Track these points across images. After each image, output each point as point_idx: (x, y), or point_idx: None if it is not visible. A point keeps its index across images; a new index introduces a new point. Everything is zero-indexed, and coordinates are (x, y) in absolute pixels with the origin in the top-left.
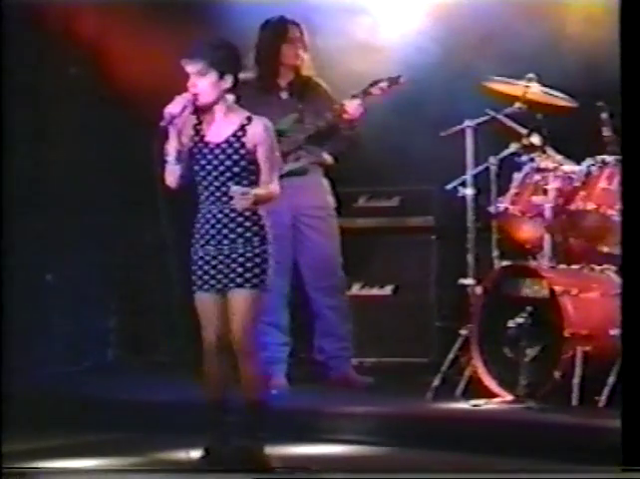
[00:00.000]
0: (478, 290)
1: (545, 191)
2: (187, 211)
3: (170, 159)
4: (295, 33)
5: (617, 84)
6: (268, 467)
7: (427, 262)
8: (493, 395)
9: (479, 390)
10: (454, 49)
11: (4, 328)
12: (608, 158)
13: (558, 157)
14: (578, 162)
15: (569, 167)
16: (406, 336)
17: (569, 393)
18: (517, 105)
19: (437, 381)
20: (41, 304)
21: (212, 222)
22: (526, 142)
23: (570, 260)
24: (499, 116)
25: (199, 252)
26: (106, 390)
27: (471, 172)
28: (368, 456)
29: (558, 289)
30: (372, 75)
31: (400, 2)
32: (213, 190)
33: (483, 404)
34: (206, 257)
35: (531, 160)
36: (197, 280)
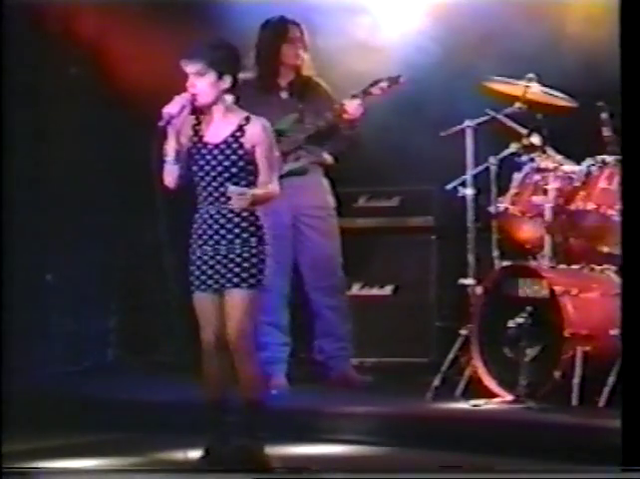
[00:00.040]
0: (478, 290)
1: (545, 191)
2: (186, 211)
3: (169, 159)
4: (295, 33)
5: (617, 84)
6: (268, 467)
7: (427, 262)
8: (493, 395)
9: (478, 390)
10: (454, 49)
11: (4, 328)
12: (608, 158)
13: (558, 157)
14: (578, 162)
15: (569, 167)
16: (406, 336)
17: (569, 393)
18: (517, 105)
19: (437, 381)
20: (41, 304)
21: (210, 222)
22: (526, 142)
23: (570, 261)
24: (499, 116)
25: (197, 253)
26: (106, 390)
27: (471, 172)
28: (368, 456)
29: (558, 289)
30: (372, 75)
31: (400, 2)
32: (211, 190)
33: (483, 404)
34: (204, 258)
35: (531, 160)
36: (195, 280)
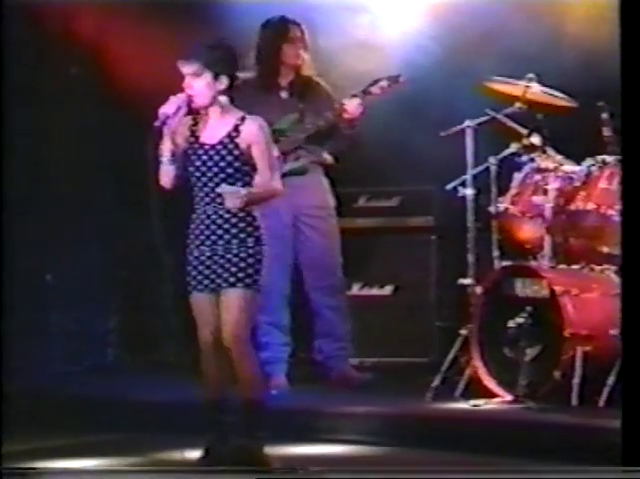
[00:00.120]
0: (478, 290)
1: (545, 191)
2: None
3: (165, 159)
4: (296, 33)
5: (617, 84)
6: (268, 467)
7: (427, 262)
8: (493, 395)
9: (478, 390)
10: (454, 49)
11: (4, 328)
12: (608, 158)
13: (558, 157)
14: (578, 162)
15: (569, 167)
16: (406, 336)
17: (569, 393)
18: (517, 105)
19: (437, 381)
20: (41, 304)
21: (207, 222)
22: (527, 142)
23: (570, 261)
24: (500, 116)
25: (195, 253)
26: (106, 390)
27: (471, 172)
28: (368, 456)
29: (558, 289)
30: (372, 74)
31: (400, 1)
32: (208, 191)
33: (483, 404)
34: (201, 258)
35: (532, 160)
36: (192, 281)
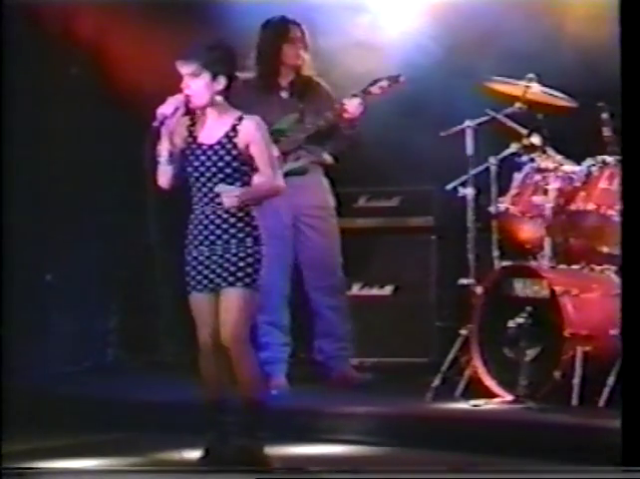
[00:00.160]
0: (478, 290)
1: (546, 191)
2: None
3: (162, 159)
4: (296, 33)
5: (617, 84)
6: (268, 467)
7: (427, 262)
8: (493, 395)
9: (478, 390)
10: (454, 49)
11: (4, 328)
12: (608, 158)
13: (558, 157)
14: (578, 162)
15: (570, 167)
16: (406, 336)
17: (569, 393)
18: (517, 105)
19: (437, 381)
20: (41, 304)
21: (206, 222)
22: (527, 142)
23: (570, 261)
24: (500, 116)
25: (193, 253)
26: (106, 390)
27: (471, 172)
28: (368, 456)
29: (558, 290)
30: (372, 74)
31: (400, 2)
32: (206, 191)
33: (483, 404)
34: (200, 258)
35: (532, 160)
36: (191, 281)
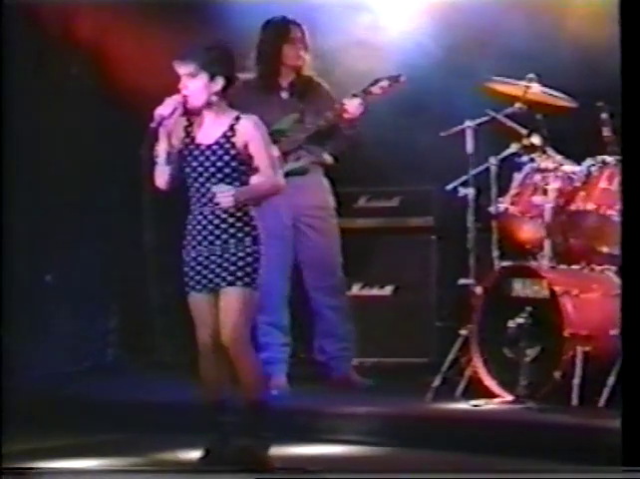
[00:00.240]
0: (478, 290)
1: (546, 191)
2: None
3: (160, 160)
4: (297, 33)
5: (617, 84)
6: (269, 467)
7: (427, 263)
8: (494, 395)
9: (479, 390)
10: (454, 49)
11: (4, 328)
12: (608, 158)
13: (558, 157)
14: (578, 162)
15: (569, 167)
16: (406, 336)
17: (569, 393)
18: (517, 105)
19: (437, 381)
20: (41, 304)
21: (204, 222)
22: (527, 142)
23: (570, 261)
24: (500, 116)
25: (192, 253)
26: (106, 390)
27: (471, 172)
28: (368, 456)
29: (558, 290)
30: (372, 74)
31: (400, 1)
32: (205, 191)
33: (484, 404)
34: (199, 258)
35: (532, 160)
36: (190, 281)
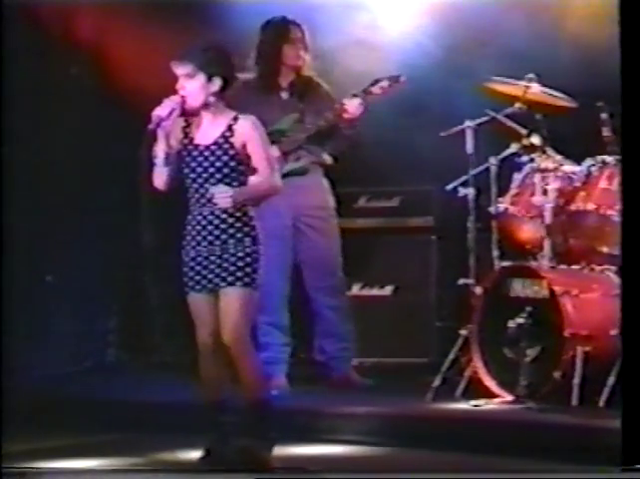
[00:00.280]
0: (478, 291)
1: (546, 191)
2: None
3: (159, 161)
4: (297, 33)
5: (617, 84)
6: (268, 467)
7: (427, 263)
8: (494, 396)
9: (479, 391)
10: (453, 49)
11: (4, 328)
12: (608, 158)
13: (558, 157)
14: (578, 162)
15: (569, 167)
16: (406, 336)
17: (569, 393)
18: (517, 105)
19: (437, 381)
20: (41, 304)
21: (204, 223)
22: (526, 142)
23: (570, 261)
24: (500, 116)
25: (191, 253)
26: (106, 390)
27: (471, 172)
28: (368, 456)
29: (558, 290)
30: (372, 74)
31: (400, 1)
32: (203, 192)
33: (484, 404)
34: (198, 259)
35: (531, 160)
36: (189, 281)
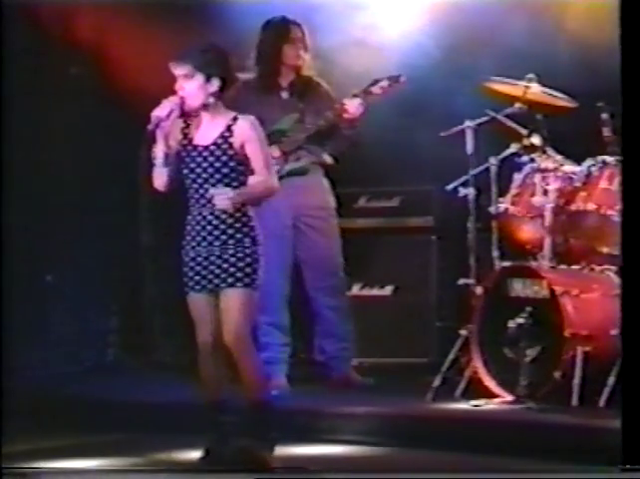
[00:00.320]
0: (478, 291)
1: (546, 191)
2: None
3: (158, 162)
4: (297, 33)
5: (617, 84)
6: (268, 467)
7: (427, 263)
8: (494, 396)
9: (479, 391)
10: (453, 49)
11: (4, 328)
12: (608, 158)
13: (559, 157)
14: (578, 162)
15: (570, 167)
16: (406, 336)
17: (569, 393)
18: (517, 105)
19: (437, 381)
20: (41, 304)
21: (203, 223)
22: (527, 142)
23: (570, 261)
24: (500, 116)
25: (191, 254)
26: (106, 390)
27: (471, 172)
28: (368, 456)
29: (558, 290)
30: (372, 74)
31: (400, 1)
32: (203, 192)
33: (484, 404)
34: (198, 259)
35: (532, 160)
36: (189, 281)
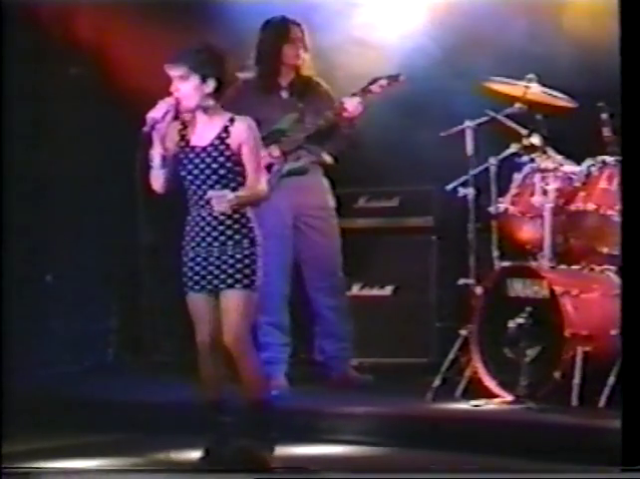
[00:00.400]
0: (478, 291)
1: (545, 191)
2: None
3: (155, 164)
4: (296, 33)
5: (617, 84)
6: (268, 467)
7: (427, 263)
8: (494, 396)
9: (479, 391)
10: (453, 48)
11: (4, 328)
12: (608, 158)
13: (558, 157)
14: (578, 162)
15: (569, 167)
16: (406, 336)
17: (569, 393)
18: (517, 105)
19: (437, 382)
20: (41, 304)
21: (202, 224)
22: (527, 142)
23: (570, 261)
24: (499, 116)
25: (190, 254)
26: (106, 390)
27: (471, 172)
28: (368, 456)
29: (558, 290)
30: (372, 73)
31: (400, 1)
32: (201, 193)
33: (484, 404)
34: (197, 259)
35: (532, 160)
36: (189, 281)
